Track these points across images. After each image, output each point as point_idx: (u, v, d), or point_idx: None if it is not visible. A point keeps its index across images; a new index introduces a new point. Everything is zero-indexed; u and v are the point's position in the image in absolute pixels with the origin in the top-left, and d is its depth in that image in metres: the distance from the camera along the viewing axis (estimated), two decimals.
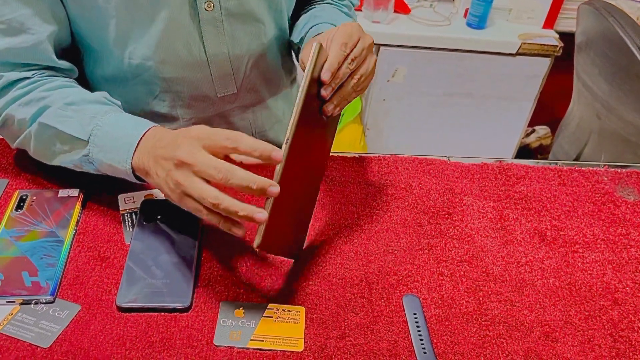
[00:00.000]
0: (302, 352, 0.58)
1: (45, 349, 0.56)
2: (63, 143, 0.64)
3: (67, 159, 0.66)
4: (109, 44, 0.71)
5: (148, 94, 0.75)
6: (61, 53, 0.71)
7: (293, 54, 0.92)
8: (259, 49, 0.78)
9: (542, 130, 2.29)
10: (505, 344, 0.61)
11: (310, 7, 0.87)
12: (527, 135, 2.26)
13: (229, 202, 0.52)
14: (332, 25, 0.76)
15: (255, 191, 0.52)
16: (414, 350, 0.60)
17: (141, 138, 0.60)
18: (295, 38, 0.84)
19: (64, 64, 0.70)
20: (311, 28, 0.79)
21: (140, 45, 0.70)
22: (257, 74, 0.80)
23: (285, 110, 0.94)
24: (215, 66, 0.75)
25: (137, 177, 0.63)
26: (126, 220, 0.69)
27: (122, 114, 0.65)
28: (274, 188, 0.52)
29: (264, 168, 0.61)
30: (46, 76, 0.68)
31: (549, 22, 1.85)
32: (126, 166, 0.61)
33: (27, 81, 0.66)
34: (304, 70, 0.61)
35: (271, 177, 0.55)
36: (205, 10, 0.70)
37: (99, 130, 0.62)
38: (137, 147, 0.60)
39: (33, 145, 0.67)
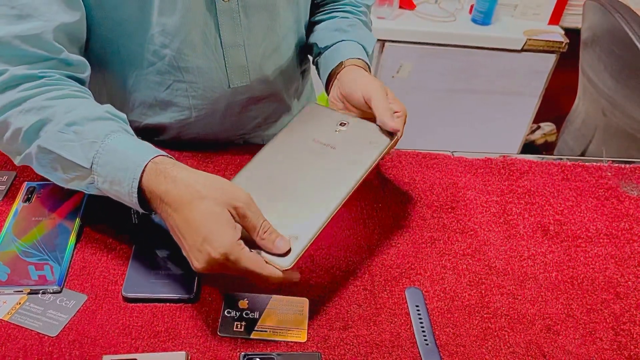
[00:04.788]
0: (305, 342, 0.59)
1: (52, 337, 0.57)
2: (65, 169, 0.60)
3: (73, 186, 0.62)
4: (126, 30, 0.70)
5: (161, 84, 0.76)
6: (74, 48, 0.67)
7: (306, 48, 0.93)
8: (274, 40, 0.79)
9: (547, 126, 2.29)
10: (507, 336, 0.62)
11: (331, 10, 0.88)
12: (532, 131, 2.26)
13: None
14: (361, 47, 0.82)
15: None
16: (416, 342, 0.60)
17: (142, 174, 0.56)
18: (320, 43, 0.85)
19: (75, 57, 0.66)
20: (341, 42, 0.82)
21: (157, 32, 0.70)
22: (271, 65, 0.81)
23: (296, 103, 0.95)
24: (230, 57, 0.76)
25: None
26: (132, 212, 0.70)
27: (123, 136, 0.60)
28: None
29: None
30: (55, 80, 0.63)
31: (555, 18, 1.85)
32: (133, 201, 0.57)
33: (32, 83, 0.61)
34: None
35: None
36: (223, 0, 0.71)
37: (100, 158, 0.57)
38: (141, 183, 0.56)
39: (35, 167, 0.63)
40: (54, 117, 0.60)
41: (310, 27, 0.89)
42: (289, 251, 0.56)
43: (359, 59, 0.79)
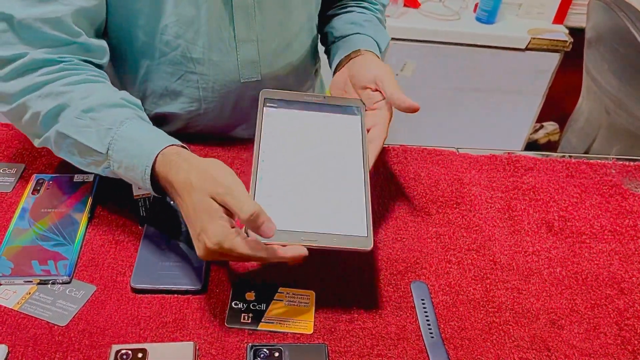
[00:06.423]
0: (311, 334, 0.59)
1: (62, 327, 0.58)
2: (82, 154, 0.63)
3: (91, 170, 0.65)
4: (140, 20, 0.71)
5: (173, 74, 0.76)
6: (93, 32, 0.69)
7: (319, 44, 0.94)
8: (286, 37, 0.80)
9: (550, 126, 2.29)
10: (511, 330, 0.62)
11: (348, 5, 0.89)
12: (536, 131, 2.26)
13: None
14: (375, 43, 0.83)
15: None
16: (421, 335, 0.61)
17: (155, 161, 0.59)
18: (335, 32, 0.86)
19: (95, 42, 0.67)
20: (356, 34, 0.83)
21: (171, 22, 0.71)
22: (283, 62, 0.82)
23: None
24: (243, 52, 0.76)
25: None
26: (140, 204, 0.71)
27: (138, 123, 0.62)
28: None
29: None
30: (73, 65, 0.65)
31: (559, 18, 1.85)
32: (147, 186, 0.60)
33: (51, 68, 0.63)
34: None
35: None
36: None
37: (116, 145, 0.60)
38: (154, 170, 0.59)
39: (55, 150, 0.66)
40: (72, 103, 0.62)
41: (325, 19, 0.90)
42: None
43: (371, 52, 0.80)
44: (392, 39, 1.77)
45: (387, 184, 0.80)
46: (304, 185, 0.63)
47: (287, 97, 0.72)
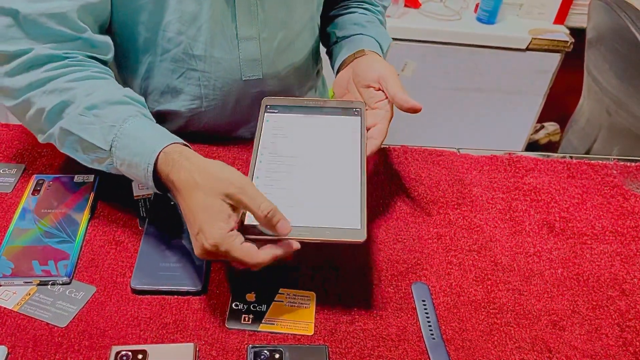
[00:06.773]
0: (312, 335, 0.59)
1: (61, 328, 0.57)
2: (86, 150, 0.63)
3: (94, 166, 0.65)
4: (144, 16, 0.71)
5: (174, 71, 0.77)
6: (98, 28, 0.69)
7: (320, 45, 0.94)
8: (288, 36, 0.80)
9: (551, 126, 2.29)
10: (512, 332, 0.62)
11: (350, 7, 0.90)
12: (536, 131, 2.26)
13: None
14: (377, 44, 0.83)
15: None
16: (422, 336, 0.60)
17: (157, 159, 0.59)
18: (338, 32, 0.87)
19: (100, 38, 0.68)
20: (359, 35, 0.84)
21: (174, 19, 0.71)
22: (284, 61, 0.82)
23: None
24: (244, 49, 0.76)
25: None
26: (140, 205, 0.71)
27: (141, 121, 0.62)
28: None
29: None
30: (78, 61, 0.65)
31: (560, 18, 1.85)
32: (149, 184, 0.60)
33: (56, 64, 0.63)
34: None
35: None
36: None
37: (119, 142, 0.60)
38: (156, 167, 0.59)
39: (58, 146, 0.66)
40: (75, 99, 0.62)
41: (327, 20, 0.90)
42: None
43: (375, 52, 0.80)
44: (393, 39, 1.78)
45: (387, 184, 0.80)
46: (300, 181, 0.63)
47: (289, 103, 0.73)
